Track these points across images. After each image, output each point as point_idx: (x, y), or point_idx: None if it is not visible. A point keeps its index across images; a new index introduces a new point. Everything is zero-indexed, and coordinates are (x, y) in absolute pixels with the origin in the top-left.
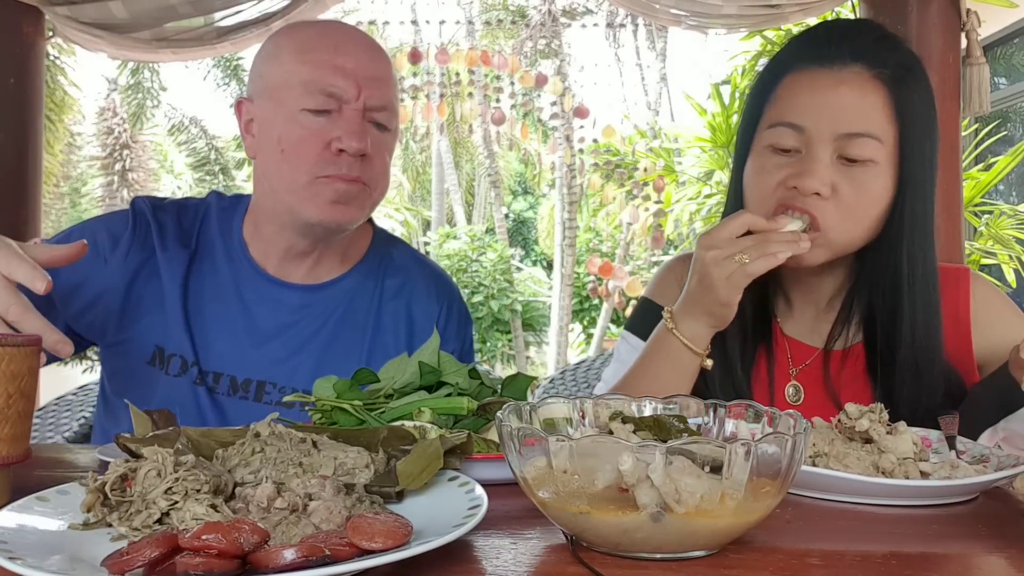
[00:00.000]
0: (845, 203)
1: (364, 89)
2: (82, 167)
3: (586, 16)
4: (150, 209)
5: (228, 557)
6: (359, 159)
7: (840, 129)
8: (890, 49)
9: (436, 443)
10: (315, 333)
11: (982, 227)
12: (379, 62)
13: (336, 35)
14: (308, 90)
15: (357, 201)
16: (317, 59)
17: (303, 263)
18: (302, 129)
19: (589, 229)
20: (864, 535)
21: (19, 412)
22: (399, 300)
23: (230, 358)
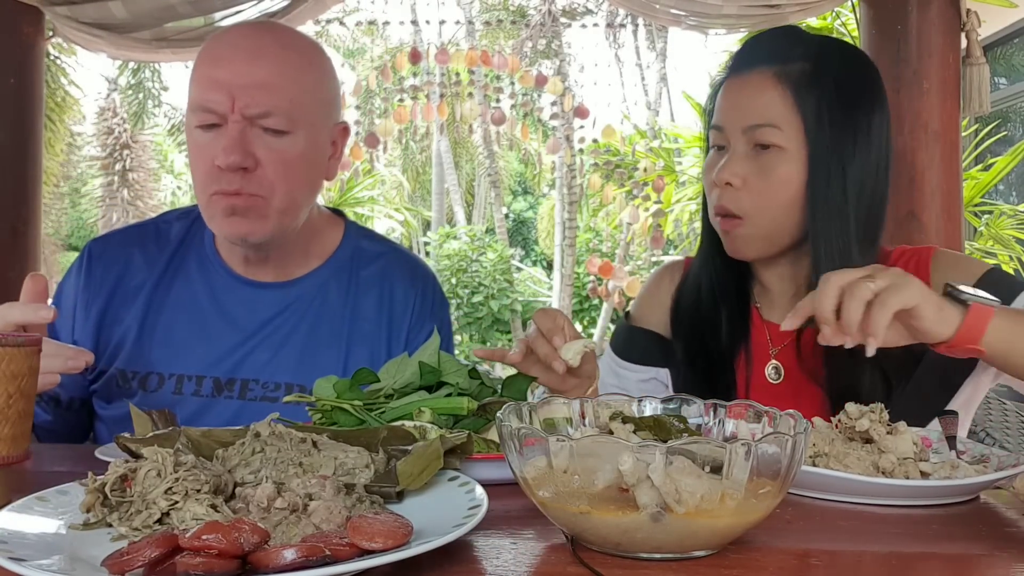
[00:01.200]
0: (756, 189)
1: (238, 99)
2: (82, 167)
3: (586, 16)
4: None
5: (228, 557)
6: (240, 172)
7: (745, 122)
8: (795, 47)
9: (436, 443)
10: (294, 328)
11: (982, 227)
12: (258, 66)
13: (222, 47)
14: (193, 108)
15: (253, 212)
16: (199, 75)
17: (265, 265)
18: (196, 147)
19: (589, 229)
20: (864, 535)
21: (19, 412)
22: (379, 287)
23: (211, 360)
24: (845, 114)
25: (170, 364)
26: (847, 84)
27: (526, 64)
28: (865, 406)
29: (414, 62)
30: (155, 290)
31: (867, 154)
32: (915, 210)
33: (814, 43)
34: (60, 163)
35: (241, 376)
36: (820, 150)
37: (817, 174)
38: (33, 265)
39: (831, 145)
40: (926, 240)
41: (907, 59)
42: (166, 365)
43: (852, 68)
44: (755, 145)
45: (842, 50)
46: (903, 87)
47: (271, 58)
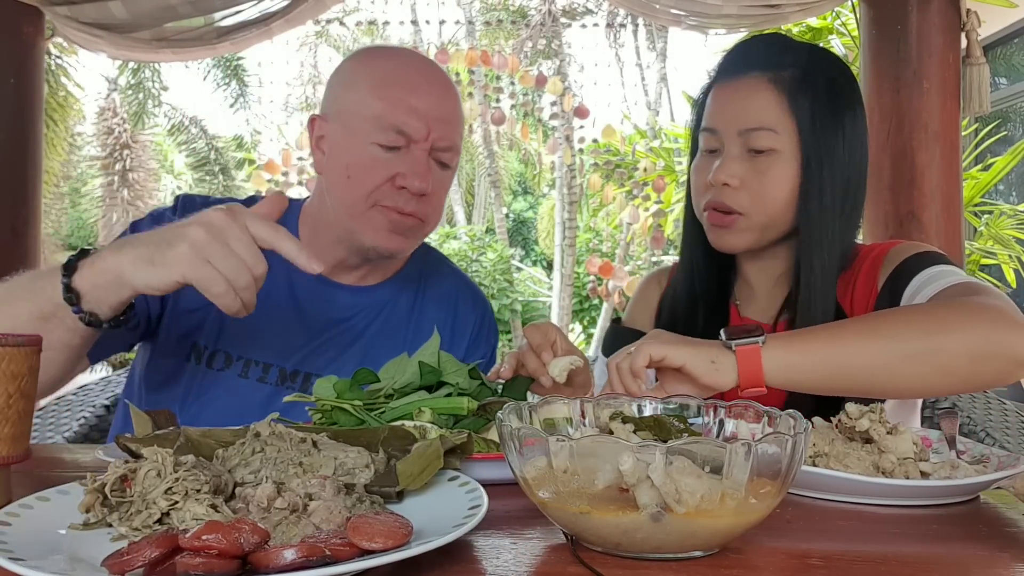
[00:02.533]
0: (753, 189)
1: (433, 130)
2: (82, 167)
3: (586, 16)
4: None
5: (228, 557)
6: (418, 197)
7: (741, 126)
8: (786, 53)
9: (436, 443)
10: (361, 332)
11: (982, 227)
12: (449, 102)
13: (413, 73)
14: (380, 125)
15: (412, 233)
16: (393, 96)
17: (352, 272)
18: (371, 160)
19: (589, 229)
20: (864, 535)
21: (19, 412)
22: (445, 304)
23: (280, 350)
24: (833, 117)
25: (241, 346)
26: (834, 88)
27: (526, 64)
28: (865, 406)
29: None
30: None
31: (852, 153)
32: (915, 210)
33: (803, 50)
34: (60, 163)
35: (305, 370)
36: (812, 152)
37: (810, 175)
38: (33, 265)
39: (822, 147)
40: (926, 240)
41: (907, 59)
42: (236, 347)
43: (836, 73)
44: (750, 148)
45: (826, 57)
46: (903, 87)
47: (455, 98)
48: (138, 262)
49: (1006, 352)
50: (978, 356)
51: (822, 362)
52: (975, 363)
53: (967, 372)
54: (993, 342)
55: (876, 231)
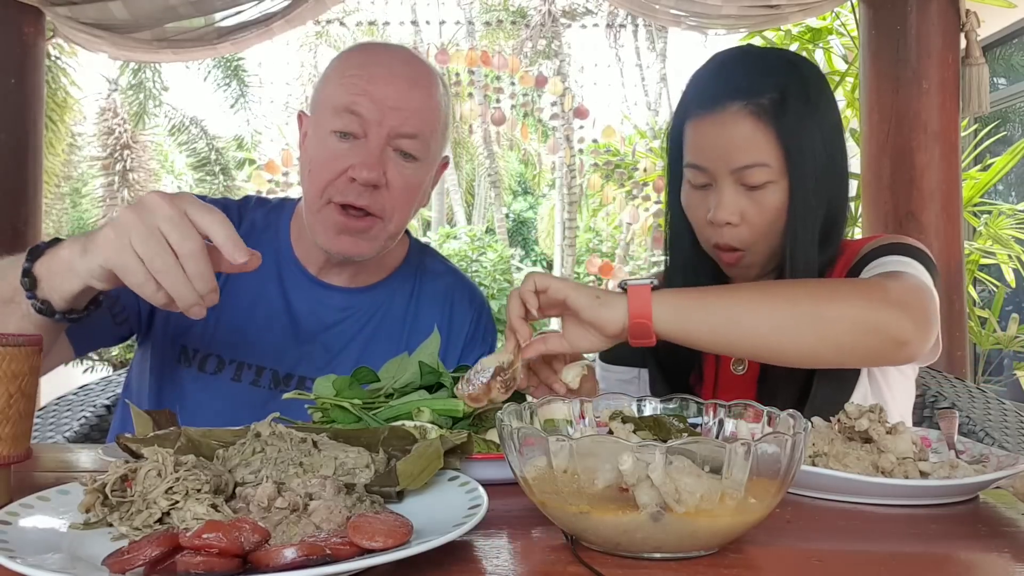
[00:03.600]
0: (755, 224)
1: (389, 116)
2: (83, 167)
3: (586, 16)
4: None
5: (229, 556)
6: (370, 189)
7: (733, 164)
8: (764, 75)
9: (436, 443)
10: (356, 334)
11: (981, 227)
12: (415, 93)
13: (377, 63)
14: (336, 111)
15: (368, 234)
16: (350, 82)
17: (342, 272)
18: (327, 152)
19: (589, 229)
20: (863, 535)
21: (20, 412)
22: (441, 304)
23: (273, 353)
24: (815, 132)
25: (233, 350)
26: (812, 102)
27: (526, 64)
28: (864, 406)
29: None
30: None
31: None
32: (914, 210)
33: (778, 70)
34: (61, 163)
35: (299, 373)
36: (799, 174)
37: (797, 196)
38: None
39: (807, 166)
40: (925, 240)
41: (906, 59)
42: (229, 350)
43: (811, 86)
44: (744, 183)
45: (800, 68)
46: (902, 87)
47: (424, 88)
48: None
49: (883, 328)
50: (858, 328)
51: (712, 313)
52: (855, 335)
53: (849, 343)
54: (872, 317)
55: (876, 231)
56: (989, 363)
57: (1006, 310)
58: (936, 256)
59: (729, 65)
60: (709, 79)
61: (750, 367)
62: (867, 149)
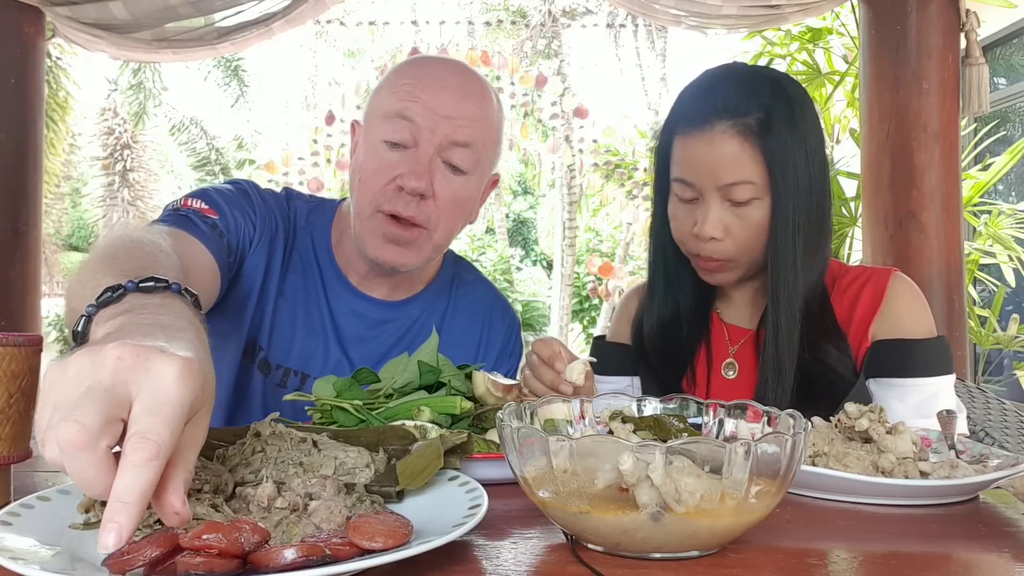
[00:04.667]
0: (738, 238)
1: (440, 126)
2: (83, 167)
3: (586, 16)
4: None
5: (229, 556)
6: (418, 199)
7: (719, 181)
8: (751, 95)
9: (436, 443)
10: (391, 348)
11: (981, 227)
12: (468, 102)
13: (430, 75)
14: (388, 117)
15: (415, 245)
16: (403, 90)
17: (383, 284)
18: (377, 160)
19: (589, 229)
20: (863, 535)
21: (20, 411)
22: (476, 317)
23: (315, 360)
24: (798, 151)
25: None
26: (795, 124)
27: (526, 64)
28: (864, 406)
29: None
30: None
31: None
32: (914, 210)
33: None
34: (61, 163)
35: None
36: (781, 191)
37: (779, 212)
38: (34, 265)
39: (789, 184)
40: (925, 240)
41: (906, 59)
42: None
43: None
44: (729, 199)
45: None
46: (902, 87)
47: (478, 100)
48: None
49: None
50: None
51: None
52: None
53: None
54: None
55: (876, 231)
56: (989, 363)
57: (1006, 310)
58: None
59: (718, 84)
60: (698, 97)
61: (741, 372)
62: (867, 149)
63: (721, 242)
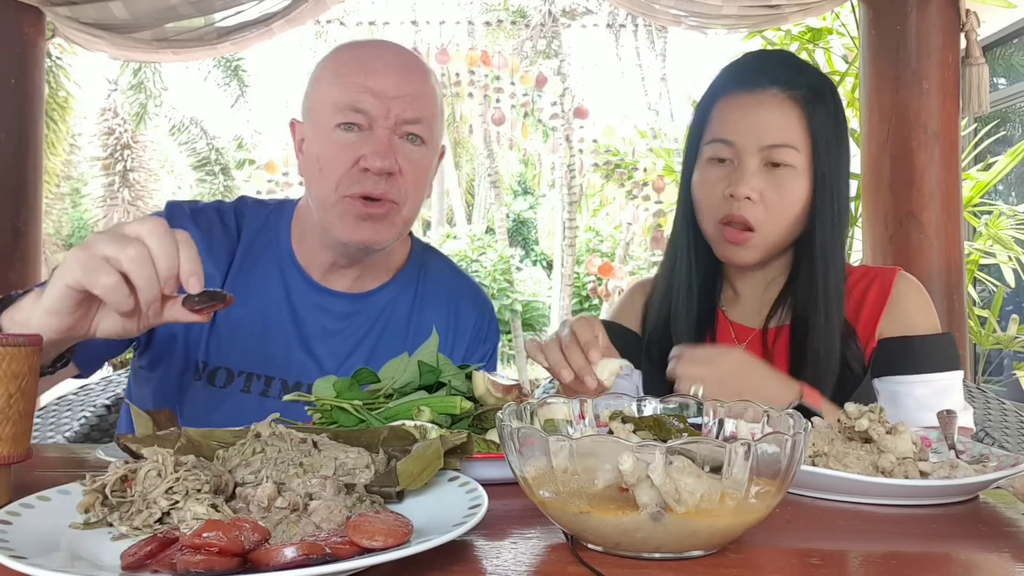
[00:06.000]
0: (771, 204)
1: (393, 107)
2: (83, 167)
3: (586, 17)
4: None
5: (229, 555)
6: (385, 177)
7: (763, 141)
8: (800, 74)
9: (436, 443)
10: (361, 340)
11: (981, 227)
12: (413, 80)
13: (370, 58)
14: (339, 108)
15: (387, 220)
16: (348, 81)
17: (347, 275)
18: (335, 146)
19: (589, 229)
20: (863, 535)
21: (20, 412)
22: (444, 304)
23: (281, 363)
24: (836, 137)
25: (242, 361)
26: (836, 110)
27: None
28: (864, 406)
29: None
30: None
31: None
32: (914, 210)
33: (810, 71)
34: (61, 163)
35: (308, 381)
36: (824, 170)
37: (823, 192)
38: (34, 265)
39: (831, 165)
40: (925, 241)
41: (906, 59)
42: (238, 361)
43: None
44: (769, 162)
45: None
46: (902, 87)
47: (420, 75)
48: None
49: None
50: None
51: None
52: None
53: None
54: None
55: (876, 231)
56: (989, 363)
57: (1006, 310)
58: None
59: (769, 58)
60: (748, 66)
61: None
62: (867, 149)
63: (753, 204)
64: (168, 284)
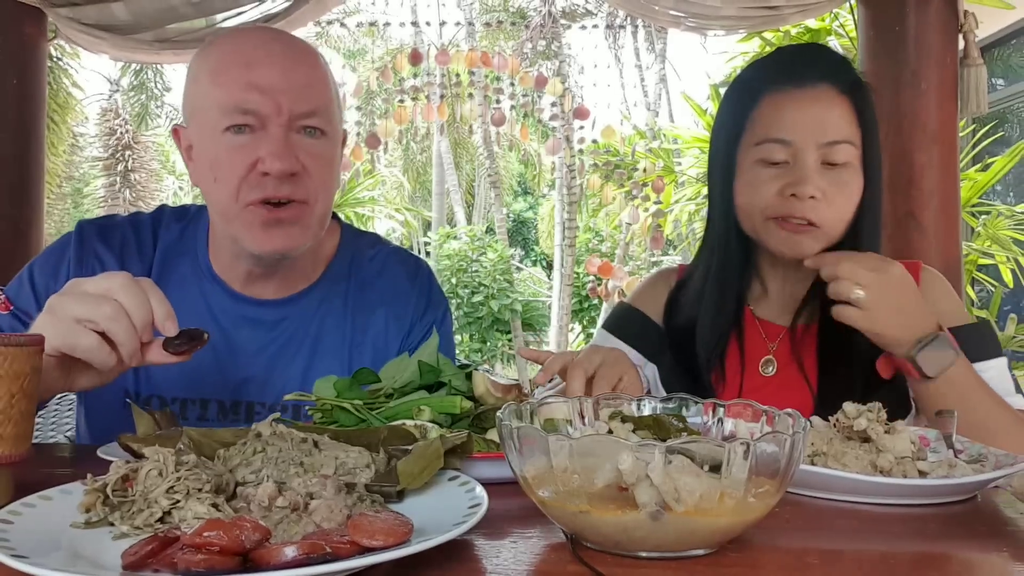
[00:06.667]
0: (834, 202)
1: (284, 101)
2: (84, 168)
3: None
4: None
5: (230, 554)
6: (288, 178)
7: (822, 139)
8: (847, 69)
9: (436, 443)
10: (298, 347)
11: (979, 228)
12: (300, 67)
13: (248, 49)
14: (225, 111)
15: (299, 223)
16: (229, 79)
17: (268, 283)
18: (227, 150)
19: (589, 229)
20: (862, 534)
21: (22, 412)
22: (379, 288)
23: (214, 384)
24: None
25: (172, 387)
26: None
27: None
28: (863, 405)
29: (414, 63)
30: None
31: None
32: (913, 210)
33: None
34: (62, 163)
35: (247, 399)
36: (873, 164)
37: (873, 186)
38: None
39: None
40: (924, 241)
41: (905, 60)
42: (168, 389)
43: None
44: (827, 161)
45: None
46: (901, 88)
47: (305, 61)
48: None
49: None
50: None
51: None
52: None
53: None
54: None
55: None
56: None
57: (1004, 310)
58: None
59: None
60: (795, 59)
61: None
62: None
63: (818, 203)
64: (145, 333)
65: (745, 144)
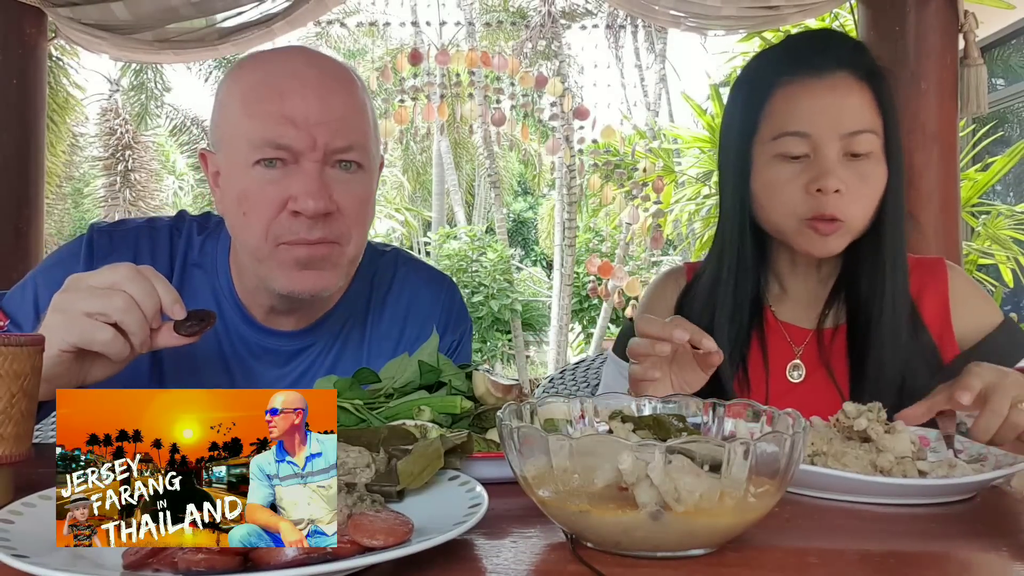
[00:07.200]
0: (858, 194)
1: (319, 136)
2: (84, 168)
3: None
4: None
5: (230, 554)
6: (321, 218)
7: (843, 129)
8: (863, 54)
9: (437, 443)
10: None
11: (979, 227)
12: (336, 97)
13: (281, 77)
14: (256, 145)
15: (329, 262)
16: (262, 111)
17: (290, 316)
18: (257, 184)
19: (589, 229)
20: (862, 534)
21: (22, 411)
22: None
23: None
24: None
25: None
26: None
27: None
28: (863, 405)
29: (414, 63)
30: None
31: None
32: (913, 210)
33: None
34: (62, 163)
35: None
36: (895, 153)
37: (895, 177)
38: (35, 265)
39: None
40: (923, 241)
41: (905, 60)
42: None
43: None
44: (849, 152)
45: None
46: (901, 88)
47: (341, 89)
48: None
49: None
50: None
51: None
52: None
53: None
54: None
55: None
56: None
57: (1004, 310)
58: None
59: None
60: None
61: (809, 374)
62: None
63: (842, 196)
64: (155, 320)
65: (760, 139)
